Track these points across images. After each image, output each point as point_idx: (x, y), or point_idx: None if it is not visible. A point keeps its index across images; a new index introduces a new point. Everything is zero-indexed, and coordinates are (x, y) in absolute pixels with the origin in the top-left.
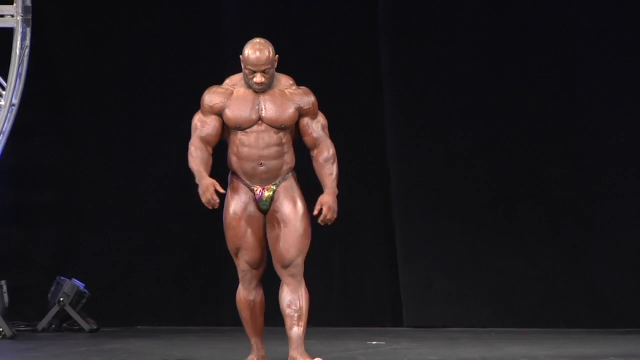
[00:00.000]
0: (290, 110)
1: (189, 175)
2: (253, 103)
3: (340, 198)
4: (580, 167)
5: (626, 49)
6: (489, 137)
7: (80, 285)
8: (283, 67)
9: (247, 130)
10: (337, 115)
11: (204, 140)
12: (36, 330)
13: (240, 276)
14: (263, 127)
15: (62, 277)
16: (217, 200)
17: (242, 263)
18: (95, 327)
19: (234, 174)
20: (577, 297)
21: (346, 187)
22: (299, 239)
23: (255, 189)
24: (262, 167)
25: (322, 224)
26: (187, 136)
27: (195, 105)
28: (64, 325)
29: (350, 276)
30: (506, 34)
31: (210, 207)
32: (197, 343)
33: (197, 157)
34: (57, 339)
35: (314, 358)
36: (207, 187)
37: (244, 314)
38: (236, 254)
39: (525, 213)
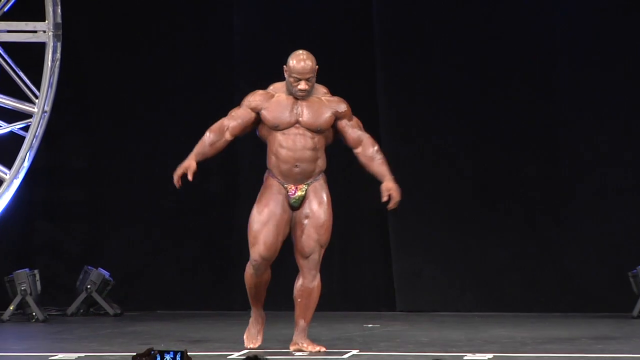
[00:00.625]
0: (327, 115)
1: (202, 176)
2: (292, 107)
3: (339, 196)
4: (555, 168)
5: (598, 59)
6: (474, 140)
7: (106, 274)
8: (275, 65)
9: (285, 132)
10: None
11: (225, 126)
12: (66, 315)
13: (252, 264)
14: (300, 130)
15: (89, 267)
16: (178, 184)
17: (256, 255)
18: (119, 312)
19: (270, 171)
20: (553, 284)
21: (344, 185)
22: (320, 235)
23: (288, 187)
24: (297, 169)
25: (390, 209)
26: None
27: (205, 109)
28: (91, 310)
29: (348, 266)
30: (491, 43)
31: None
32: (211, 325)
33: (204, 140)
34: (85, 322)
35: (313, 342)
36: (183, 167)
37: (251, 288)
38: (253, 245)
39: (506, 209)
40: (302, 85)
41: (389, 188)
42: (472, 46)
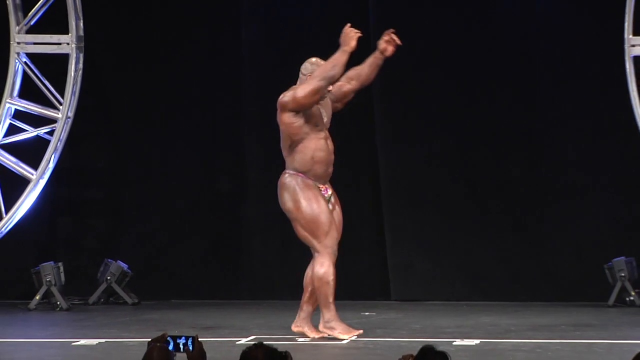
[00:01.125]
0: (330, 105)
1: (212, 176)
2: (319, 112)
3: (339, 195)
4: (538, 169)
5: (578, 65)
6: (464, 143)
7: (124, 266)
8: (280, 72)
9: (319, 135)
10: (335, 122)
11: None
12: (87, 304)
13: (328, 253)
14: (327, 134)
15: (109, 260)
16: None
17: (333, 240)
18: (136, 301)
19: (300, 173)
20: (535, 276)
21: (343, 185)
22: (338, 233)
23: (321, 187)
24: (331, 169)
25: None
26: (209, 144)
27: (215, 115)
28: (111, 299)
29: (347, 258)
30: (479, 54)
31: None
32: (220, 313)
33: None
34: (105, 310)
35: (314, 328)
36: (348, 33)
37: (332, 287)
38: (327, 233)
39: (493, 206)
40: (330, 87)
41: (382, 44)
42: (466, 52)
